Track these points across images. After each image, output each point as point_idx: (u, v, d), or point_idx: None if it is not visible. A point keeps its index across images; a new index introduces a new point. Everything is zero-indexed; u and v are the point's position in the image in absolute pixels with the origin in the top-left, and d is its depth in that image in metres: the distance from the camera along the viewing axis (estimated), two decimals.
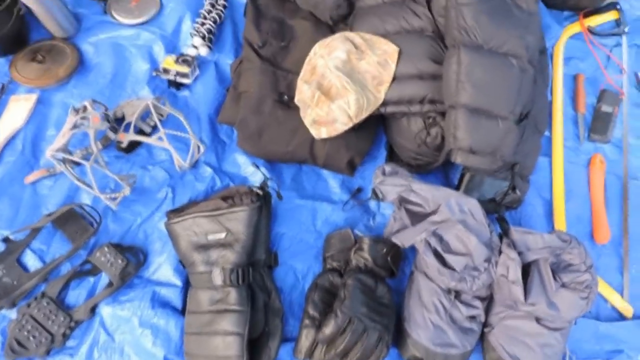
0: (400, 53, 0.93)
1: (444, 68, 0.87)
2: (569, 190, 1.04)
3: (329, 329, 0.78)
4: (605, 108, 1.11)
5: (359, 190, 1.02)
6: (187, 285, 0.89)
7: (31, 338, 0.81)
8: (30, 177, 0.95)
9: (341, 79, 0.90)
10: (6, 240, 0.87)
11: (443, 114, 0.92)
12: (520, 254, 0.84)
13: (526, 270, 0.84)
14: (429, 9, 0.96)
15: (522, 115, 0.87)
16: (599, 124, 1.11)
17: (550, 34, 1.16)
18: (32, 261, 0.88)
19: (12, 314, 0.84)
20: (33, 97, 1.02)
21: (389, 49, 0.94)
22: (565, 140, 1.09)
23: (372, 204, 1.01)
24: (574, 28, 1.19)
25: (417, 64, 0.93)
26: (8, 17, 1.00)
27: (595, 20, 1.20)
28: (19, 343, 0.80)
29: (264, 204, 0.89)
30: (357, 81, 0.91)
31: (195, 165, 0.99)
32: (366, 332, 0.79)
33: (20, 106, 1.01)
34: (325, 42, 0.97)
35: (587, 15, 1.20)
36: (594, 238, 1.01)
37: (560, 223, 1.01)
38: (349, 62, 0.93)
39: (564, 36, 1.18)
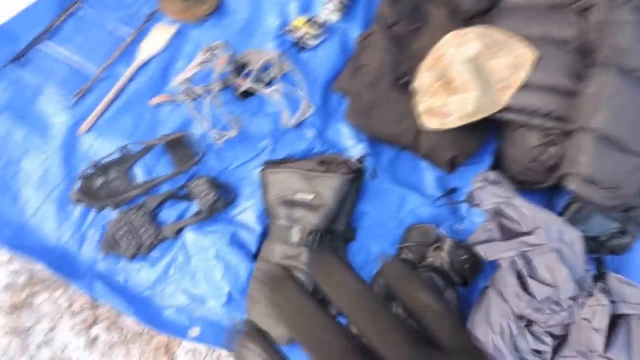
0: (538, 60, 0.88)
1: (583, 86, 0.80)
2: None
3: None
4: None
5: (454, 190, 0.98)
6: (265, 234, 0.92)
7: (124, 240, 0.89)
8: (155, 100, 1.03)
9: (468, 74, 0.87)
10: (123, 149, 0.96)
11: (566, 135, 0.86)
12: (612, 303, 0.77)
13: (614, 322, 0.77)
14: (581, 21, 0.89)
15: None
16: None
17: None
18: (140, 174, 0.97)
19: (113, 214, 0.93)
20: (173, 29, 1.11)
21: (526, 53, 0.88)
22: None
23: (464, 207, 0.97)
24: None
25: (553, 75, 0.87)
26: None
27: None
28: (114, 241, 0.89)
29: (357, 178, 0.90)
30: (484, 79, 0.87)
31: (300, 125, 1.01)
32: None
33: (161, 35, 1.10)
34: (460, 33, 0.94)
35: None
36: None
37: None
38: (480, 57, 0.89)
39: None
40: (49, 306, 0.91)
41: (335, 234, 0.89)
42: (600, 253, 0.88)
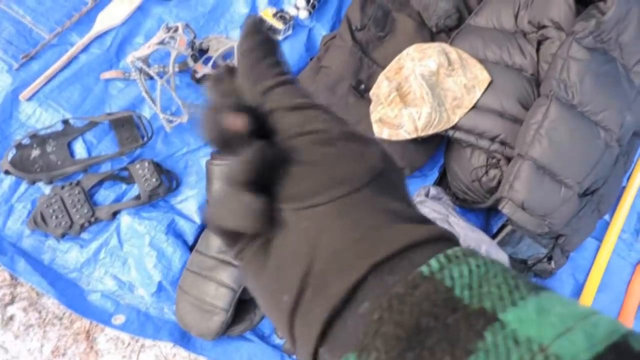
0: (490, 84, 0.90)
1: (528, 115, 0.83)
2: (605, 283, 0.98)
3: None
4: None
5: None
6: (204, 226, 0.91)
7: (54, 217, 0.86)
8: (107, 75, 0.99)
9: (422, 88, 0.88)
10: (65, 122, 0.92)
11: (508, 159, 0.89)
12: None
13: None
14: (537, 51, 0.92)
15: (589, 190, 0.82)
16: None
17: None
18: (80, 150, 0.93)
19: (46, 189, 0.90)
20: (136, 2, 1.06)
21: (481, 76, 0.91)
22: (622, 232, 1.02)
23: None
24: None
25: (503, 100, 0.89)
26: None
27: None
28: (42, 217, 0.86)
29: None
30: (437, 96, 0.89)
31: None
32: None
33: (123, 7, 1.05)
34: (421, 46, 0.95)
35: None
36: None
37: None
38: (436, 74, 0.90)
39: None
40: None
41: None
42: (527, 275, 0.92)
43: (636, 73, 0.82)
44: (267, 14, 1.07)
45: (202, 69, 0.98)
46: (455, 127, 0.91)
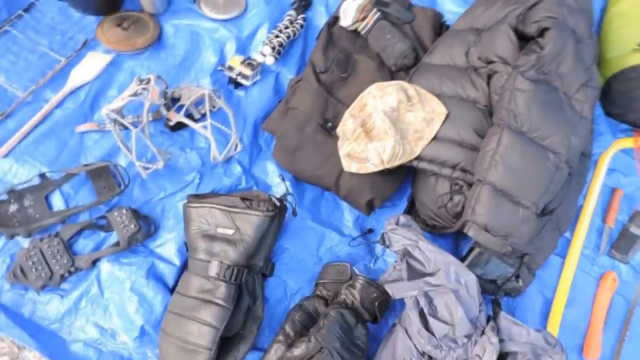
0: (447, 116, 0.97)
1: (483, 143, 0.89)
2: (572, 298, 1.02)
3: (298, 351, 0.81)
4: (634, 230, 1.10)
5: (370, 230, 1.04)
6: (184, 268, 0.93)
7: (34, 270, 0.87)
8: (82, 127, 1.02)
9: (385, 124, 0.94)
10: (42, 176, 0.94)
11: (470, 185, 0.94)
12: (501, 341, 0.84)
13: (502, 359, 0.83)
14: (488, 84, 0.99)
15: (546, 210, 0.88)
16: (623, 243, 1.09)
17: (601, 142, 1.16)
18: (57, 201, 0.95)
19: (25, 243, 0.91)
20: (108, 58, 1.11)
21: (438, 109, 0.97)
22: (584, 248, 1.08)
23: (378, 247, 1.03)
24: (626, 142, 1.19)
25: (460, 131, 0.96)
26: None
27: None
28: (22, 270, 0.87)
29: (277, 216, 0.93)
30: (399, 130, 0.95)
31: (228, 160, 1.04)
32: None
33: (95, 63, 1.10)
34: (382, 85, 1.01)
35: None
36: (583, 352, 0.99)
37: (553, 326, 0.99)
38: (397, 110, 0.97)
39: (614, 147, 1.17)
40: None
41: (253, 269, 0.91)
42: (496, 295, 0.96)
43: (577, 100, 0.90)
44: (235, 61, 1.14)
45: (175, 117, 1.03)
46: (418, 158, 0.97)
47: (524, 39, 0.98)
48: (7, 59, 1.06)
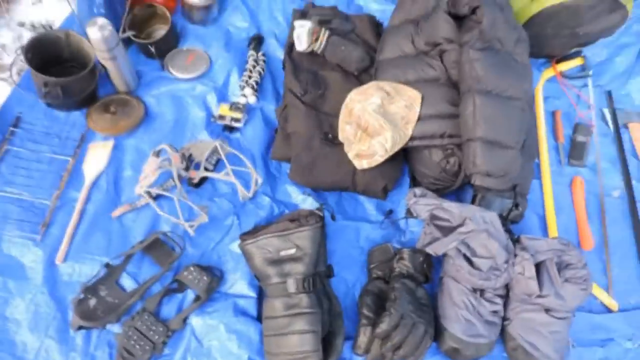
0: (422, 98, 1.16)
1: (461, 109, 1.09)
2: (557, 207, 1.25)
3: (385, 325, 0.96)
4: (580, 138, 1.36)
5: (391, 211, 1.22)
6: (260, 297, 1.05)
7: (137, 346, 0.95)
8: (117, 212, 1.10)
9: (379, 120, 1.11)
10: (107, 265, 1.02)
11: (459, 146, 1.14)
12: (531, 256, 1.05)
13: (535, 269, 1.04)
14: (441, 62, 1.19)
15: (524, 145, 1.10)
16: (576, 152, 1.35)
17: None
18: (128, 282, 1.03)
19: (115, 328, 0.98)
20: (110, 144, 1.19)
21: (413, 95, 1.16)
22: (550, 165, 1.32)
23: (402, 222, 1.21)
24: (549, 72, 1.46)
25: (436, 106, 1.15)
26: (91, 78, 1.18)
27: (565, 66, 1.47)
28: (127, 351, 0.95)
29: (322, 224, 1.07)
30: (391, 121, 1.13)
31: (254, 196, 1.17)
32: (415, 326, 0.97)
33: (100, 152, 1.17)
34: (360, 89, 1.19)
35: (559, 61, 1.47)
36: (581, 245, 1.22)
37: (553, 233, 1.22)
38: (382, 106, 1.14)
39: (542, 79, 1.44)
40: None
41: (319, 275, 1.05)
42: (505, 225, 1.17)
43: (517, 54, 1.13)
44: (224, 109, 1.26)
45: (197, 174, 1.14)
46: (412, 138, 1.15)
47: (457, 19, 1.19)
48: (20, 174, 1.11)
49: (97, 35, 1.10)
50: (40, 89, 1.14)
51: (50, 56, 1.19)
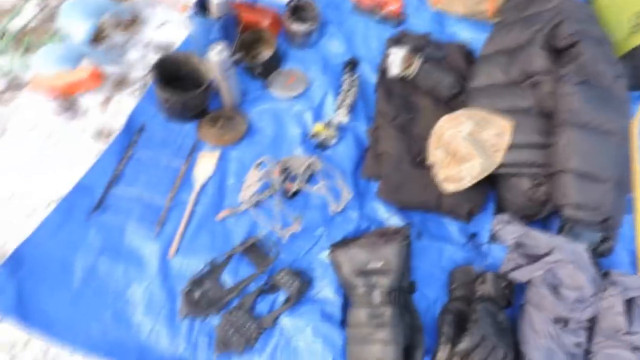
0: (514, 126, 1.19)
1: (555, 141, 1.11)
2: None
3: (466, 344, 0.99)
4: None
5: (474, 235, 1.25)
6: (345, 305, 1.12)
7: (233, 339, 1.05)
8: (220, 215, 1.22)
9: (469, 147, 1.16)
10: (211, 263, 1.14)
11: (548, 176, 1.15)
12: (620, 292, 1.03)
13: (627, 306, 1.03)
14: (534, 93, 1.22)
15: (619, 178, 1.09)
16: None
17: None
18: (228, 279, 1.14)
19: (215, 320, 1.09)
20: (217, 154, 1.33)
21: (504, 123, 1.19)
22: None
23: (485, 247, 1.23)
24: None
25: (526, 136, 1.17)
26: (205, 95, 1.32)
27: None
28: (224, 341, 1.05)
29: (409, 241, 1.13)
30: (480, 148, 1.17)
31: (343, 210, 1.25)
32: (494, 350, 0.99)
33: (208, 160, 1.31)
34: (451, 116, 1.24)
35: None
36: None
37: None
38: (473, 133, 1.19)
39: (639, 113, 1.41)
40: None
41: (403, 289, 1.10)
42: (594, 259, 1.16)
43: (615, 89, 1.13)
44: (319, 127, 1.35)
45: (293, 186, 1.24)
46: (500, 166, 1.18)
47: (553, 50, 1.21)
48: (141, 177, 1.26)
49: (216, 58, 1.24)
50: (162, 103, 1.30)
51: (170, 74, 1.35)
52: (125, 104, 1.39)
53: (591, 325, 1.07)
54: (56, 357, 1.07)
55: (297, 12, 1.53)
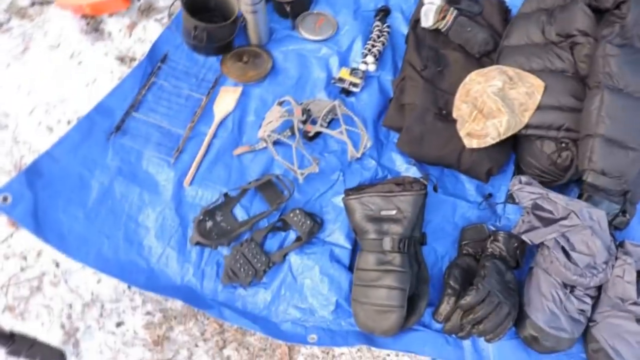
0: (545, 87, 1.15)
1: (586, 104, 1.08)
2: None
3: (471, 298, 0.99)
4: None
5: (490, 195, 1.23)
6: (354, 249, 1.12)
7: (241, 270, 1.07)
8: (238, 151, 1.22)
9: (497, 103, 1.13)
10: (225, 195, 1.14)
11: (574, 141, 1.12)
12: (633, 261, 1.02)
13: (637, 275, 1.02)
14: (572, 54, 1.17)
15: None
16: None
17: None
18: (240, 213, 1.15)
19: (225, 250, 1.11)
20: (239, 90, 1.31)
21: (536, 83, 1.16)
22: None
23: (500, 208, 1.22)
24: None
25: (558, 98, 1.14)
26: (233, 28, 1.29)
27: None
28: (232, 272, 1.06)
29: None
30: (509, 106, 1.14)
31: (361, 157, 1.23)
32: (499, 306, 0.99)
33: (229, 95, 1.30)
34: (482, 71, 1.20)
35: None
36: None
37: None
38: (503, 89, 1.15)
39: None
40: (184, 337, 1.06)
41: (414, 239, 1.10)
42: (609, 229, 1.14)
43: None
44: (344, 73, 1.33)
45: (313, 129, 1.22)
46: (527, 126, 1.15)
47: (596, 11, 1.16)
48: (162, 105, 1.26)
49: None
50: (188, 32, 1.28)
51: (199, 4, 1.31)
52: (151, 30, 1.37)
53: (597, 294, 1.06)
54: (66, 272, 1.09)
55: None
